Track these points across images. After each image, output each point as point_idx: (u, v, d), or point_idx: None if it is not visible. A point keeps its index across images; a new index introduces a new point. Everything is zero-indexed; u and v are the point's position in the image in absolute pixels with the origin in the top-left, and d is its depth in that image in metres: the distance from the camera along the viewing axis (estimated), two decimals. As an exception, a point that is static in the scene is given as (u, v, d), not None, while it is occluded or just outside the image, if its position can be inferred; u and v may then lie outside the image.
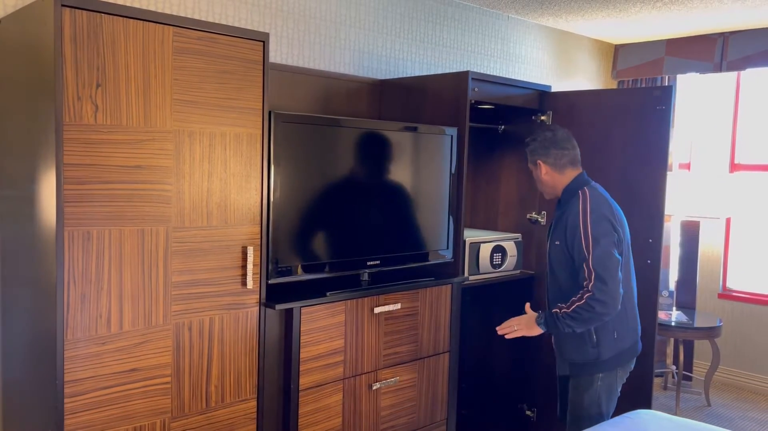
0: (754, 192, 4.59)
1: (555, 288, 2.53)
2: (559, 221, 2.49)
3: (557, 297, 2.49)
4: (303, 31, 3.06)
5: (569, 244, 2.39)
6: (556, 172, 2.52)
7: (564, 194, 2.51)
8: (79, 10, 1.83)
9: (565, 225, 2.41)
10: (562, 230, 2.43)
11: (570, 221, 2.39)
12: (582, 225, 2.35)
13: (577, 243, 2.35)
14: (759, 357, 4.51)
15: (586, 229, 2.35)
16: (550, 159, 2.52)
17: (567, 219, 2.42)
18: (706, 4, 3.72)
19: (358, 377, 2.61)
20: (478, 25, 3.89)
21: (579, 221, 2.37)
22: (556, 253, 2.49)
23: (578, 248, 2.35)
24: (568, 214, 2.42)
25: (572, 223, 2.38)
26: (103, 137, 1.90)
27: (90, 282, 1.91)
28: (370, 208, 2.72)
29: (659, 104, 3.02)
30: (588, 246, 2.33)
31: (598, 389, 2.45)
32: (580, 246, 2.34)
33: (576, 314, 2.33)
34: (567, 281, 2.46)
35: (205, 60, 2.10)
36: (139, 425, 2.05)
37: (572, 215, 2.40)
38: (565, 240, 2.42)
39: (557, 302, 2.46)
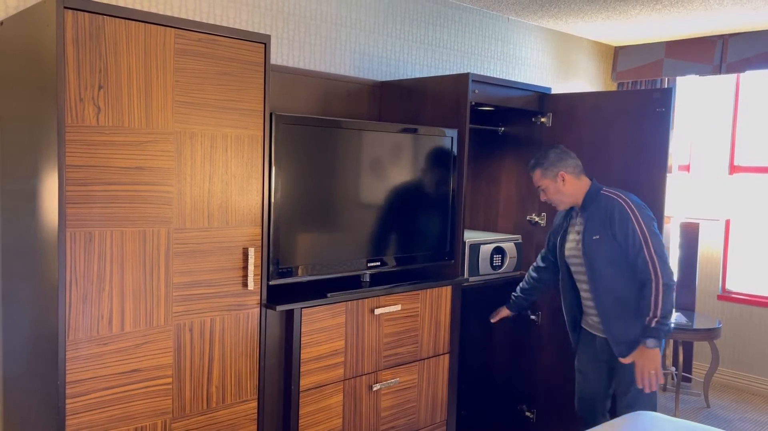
0: (754, 194, 4.60)
1: (601, 286, 2.63)
2: (592, 218, 2.64)
3: (609, 296, 2.62)
4: (303, 32, 3.07)
5: (620, 236, 2.55)
6: (576, 179, 2.70)
7: (587, 198, 2.69)
8: (81, 12, 1.84)
9: (609, 218, 2.57)
10: (603, 223, 2.59)
11: (616, 214, 2.56)
12: (633, 216, 2.54)
13: (632, 233, 2.53)
14: (758, 358, 4.52)
15: (637, 219, 2.54)
16: (570, 168, 2.70)
17: (610, 213, 2.58)
18: (706, 7, 3.73)
19: (358, 378, 2.62)
20: (478, 26, 3.90)
21: (627, 212, 2.55)
22: (599, 247, 2.61)
23: (633, 236, 2.53)
24: (610, 209, 2.58)
25: (621, 215, 2.55)
26: (104, 138, 1.91)
27: (91, 283, 1.92)
28: (371, 209, 2.73)
29: (659, 106, 3.03)
30: (645, 236, 2.52)
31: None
32: (635, 235, 2.52)
33: (667, 305, 2.49)
34: (617, 274, 2.58)
35: (207, 62, 2.11)
36: (141, 425, 2.06)
37: (617, 209, 2.57)
38: (612, 233, 2.57)
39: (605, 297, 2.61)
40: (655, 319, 2.50)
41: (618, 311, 2.61)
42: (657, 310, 2.49)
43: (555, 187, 2.71)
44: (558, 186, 2.70)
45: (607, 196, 2.64)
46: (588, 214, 2.67)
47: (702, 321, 4.21)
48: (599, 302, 2.65)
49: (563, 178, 2.69)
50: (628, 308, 2.60)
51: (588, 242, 2.64)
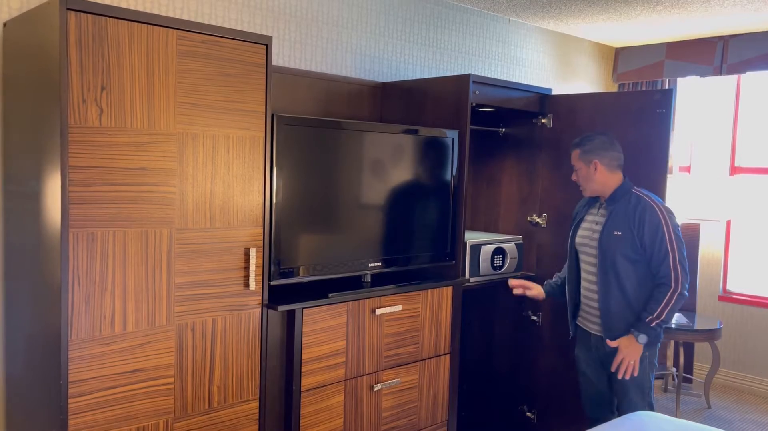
0: (755, 195, 4.60)
1: (610, 281, 2.65)
2: (616, 214, 2.66)
3: (616, 292, 2.64)
4: (305, 33, 3.08)
5: (648, 239, 2.57)
6: (608, 172, 2.71)
7: (617, 193, 2.70)
8: (84, 14, 1.85)
9: (638, 220, 2.59)
10: (630, 223, 2.61)
11: (647, 217, 2.58)
12: (664, 223, 2.57)
13: (660, 239, 2.55)
14: (759, 359, 4.52)
15: (668, 226, 2.57)
16: (605, 160, 2.71)
17: (640, 215, 2.59)
18: (707, 8, 3.73)
19: (359, 378, 2.62)
20: (479, 28, 3.91)
21: (660, 218, 2.58)
22: (619, 244, 2.62)
23: (660, 243, 2.55)
24: (641, 210, 2.60)
25: (653, 220, 2.57)
26: (107, 139, 1.92)
27: (94, 283, 1.93)
28: (372, 210, 2.74)
29: (659, 107, 3.03)
30: (672, 244, 2.55)
31: (645, 367, 2.66)
32: (663, 242, 2.55)
33: (671, 313, 2.55)
34: (631, 273, 2.62)
35: (209, 63, 2.12)
36: (143, 425, 2.07)
37: (648, 212, 2.59)
38: (636, 233, 2.59)
39: (612, 293, 2.64)
40: (656, 320, 2.56)
41: (621, 306, 2.65)
42: (662, 314, 2.55)
43: (586, 172, 2.74)
44: (589, 172, 2.73)
45: (639, 197, 2.65)
46: (614, 209, 2.68)
47: (703, 322, 4.21)
48: (605, 295, 2.68)
49: (596, 166, 2.71)
50: (631, 305, 2.63)
51: (607, 236, 2.66)
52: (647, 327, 2.57)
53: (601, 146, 2.72)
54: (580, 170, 2.77)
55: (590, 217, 2.82)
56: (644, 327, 2.57)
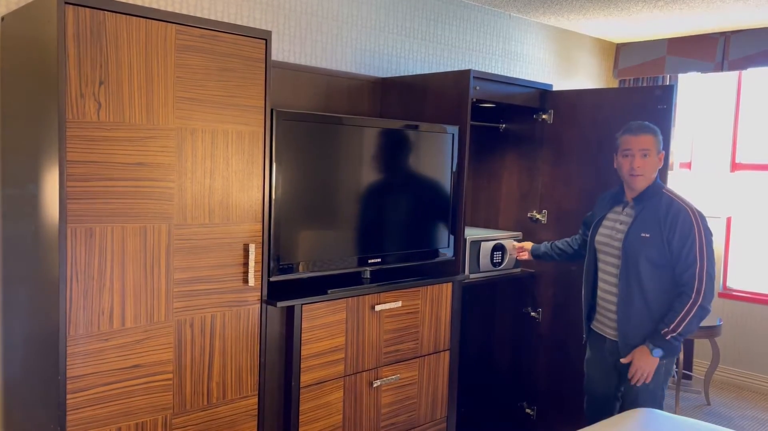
0: (755, 191, 4.59)
1: (631, 284, 2.51)
2: (645, 215, 2.50)
3: (638, 298, 2.50)
4: (304, 28, 3.07)
5: (676, 243, 2.42)
6: (659, 166, 2.57)
7: (648, 191, 2.54)
8: (82, 8, 1.84)
9: (670, 224, 2.43)
10: (657, 225, 2.46)
11: (679, 221, 2.43)
12: (697, 228, 2.42)
13: (689, 245, 2.40)
14: (759, 356, 4.52)
15: (700, 232, 2.42)
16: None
17: (673, 217, 2.44)
18: (708, 4, 3.72)
19: (358, 374, 2.62)
20: (479, 23, 3.90)
21: (693, 223, 2.42)
22: (644, 247, 2.48)
23: (689, 249, 2.40)
24: (675, 213, 2.45)
25: (685, 223, 2.42)
26: (105, 134, 1.91)
27: (92, 279, 1.92)
28: (372, 205, 2.73)
29: (660, 103, 3.02)
30: (702, 253, 2.40)
31: (661, 375, 2.52)
32: (692, 248, 2.40)
33: (691, 325, 2.41)
34: (654, 277, 2.47)
35: (208, 57, 2.11)
36: (141, 421, 2.06)
37: (681, 216, 2.44)
38: (666, 237, 2.44)
39: (633, 300, 2.50)
40: (673, 334, 2.41)
41: (642, 314, 2.50)
42: (679, 326, 2.40)
43: (655, 161, 2.54)
44: (657, 162, 2.55)
45: (671, 198, 2.49)
46: (642, 209, 2.52)
47: (703, 318, 4.21)
48: (625, 300, 2.53)
49: (661, 158, 2.56)
50: (652, 314, 2.49)
51: (633, 237, 2.51)
52: (662, 340, 2.42)
53: (662, 140, 2.58)
54: (651, 157, 2.53)
55: (613, 216, 2.65)
56: (659, 340, 2.43)
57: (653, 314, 2.48)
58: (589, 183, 3.26)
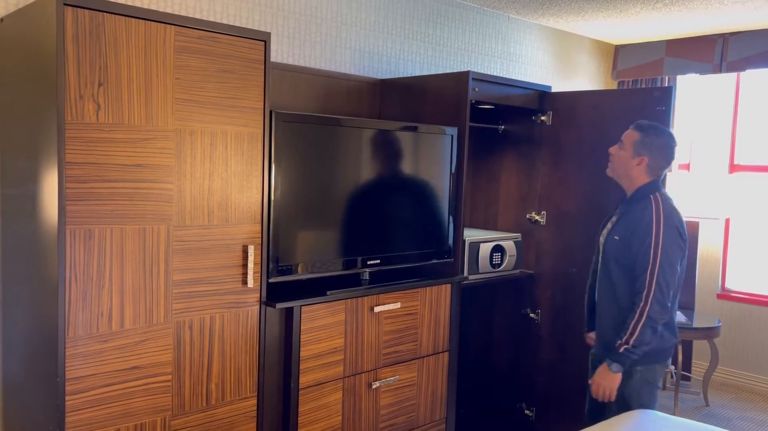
0: (754, 192, 4.60)
1: (606, 285, 2.52)
2: (624, 218, 2.48)
3: (611, 300, 2.50)
4: (303, 30, 3.07)
5: (635, 247, 2.38)
6: (644, 173, 2.48)
7: (636, 194, 2.49)
8: (81, 9, 1.84)
9: (634, 225, 2.40)
10: (627, 228, 2.43)
11: (642, 225, 2.38)
12: (654, 233, 2.35)
13: (644, 249, 2.35)
14: (757, 357, 4.52)
15: (657, 237, 2.34)
16: (654, 163, 2.47)
17: (637, 220, 2.40)
18: (706, 5, 3.72)
19: (357, 376, 2.62)
20: (478, 25, 3.90)
21: (652, 227, 2.36)
22: (614, 249, 2.48)
23: (644, 254, 2.35)
24: (640, 216, 2.41)
25: (643, 227, 2.37)
26: (104, 136, 1.91)
27: (91, 280, 1.92)
28: (370, 207, 2.73)
29: (659, 105, 3.02)
30: (656, 255, 2.33)
31: (636, 382, 2.47)
32: (647, 253, 2.34)
33: (644, 335, 2.34)
34: (621, 280, 2.46)
35: (207, 59, 2.11)
36: (140, 422, 2.06)
37: (644, 219, 2.38)
38: (628, 240, 2.41)
39: (608, 304, 2.50)
40: (626, 345, 2.36)
41: (614, 315, 2.49)
42: (631, 337, 2.35)
43: (626, 159, 2.49)
44: (630, 163, 2.48)
45: (650, 203, 2.42)
46: (624, 212, 2.51)
47: (701, 319, 4.21)
48: (601, 302, 2.58)
49: (641, 162, 2.47)
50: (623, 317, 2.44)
51: (610, 239, 2.52)
52: (617, 354, 2.38)
53: (660, 148, 2.47)
54: (624, 152, 2.50)
55: (612, 217, 2.63)
56: (615, 355, 2.38)
57: (624, 317, 2.43)
58: (587, 184, 3.26)
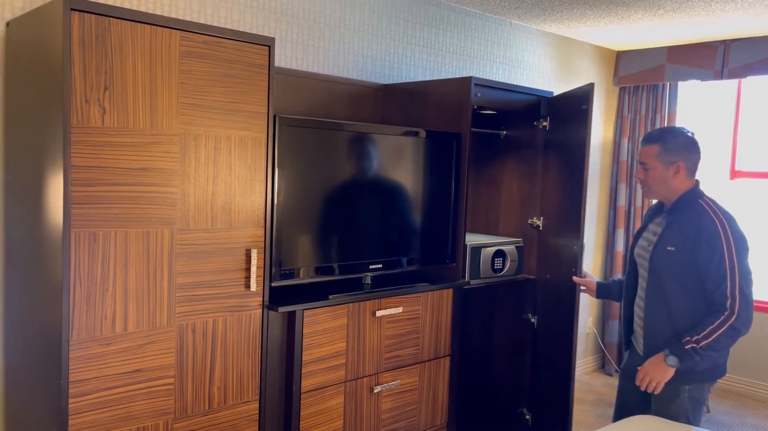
0: (755, 199, 4.61)
1: (657, 302, 2.38)
2: (675, 227, 2.35)
3: (661, 312, 2.37)
4: (307, 35, 3.08)
5: (702, 258, 2.25)
6: (686, 177, 2.37)
7: (680, 201, 2.37)
8: (87, 14, 1.85)
9: (695, 234, 2.27)
10: (687, 238, 2.29)
11: (705, 234, 2.25)
12: (725, 241, 2.23)
13: (717, 260, 2.22)
14: (759, 364, 4.52)
15: (729, 246, 2.23)
16: (690, 162, 2.36)
17: (697, 229, 2.28)
18: (708, 12, 3.74)
19: (359, 380, 2.62)
20: (480, 30, 3.92)
21: (720, 236, 2.24)
22: (668, 261, 2.33)
23: (718, 265, 2.22)
24: (699, 224, 2.28)
25: (707, 236, 2.24)
26: (109, 140, 1.92)
27: (95, 283, 1.93)
28: (373, 212, 2.74)
29: (583, 104, 2.99)
30: (733, 265, 2.22)
31: (684, 401, 2.37)
32: (722, 264, 2.22)
33: (718, 343, 2.22)
34: (678, 294, 2.33)
35: (211, 64, 2.12)
36: (143, 426, 2.07)
37: (707, 228, 2.26)
38: (691, 251, 2.28)
39: (658, 318, 2.37)
40: (694, 344, 2.23)
41: (666, 330, 2.36)
42: (705, 340, 2.21)
43: (663, 174, 2.36)
44: (667, 174, 2.35)
45: (703, 209, 2.31)
46: (672, 220, 2.36)
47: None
48: (651, 318, 2.41)
49: (678, 169, 2.34)
50: (677, 331, 2.33)
51: (660, 250, 2.36)
52: (681, 349, 2.24)
53: (686, 146, 2.35)
54: (654, 170, 2.37)
55: (652, 226, 2.50)
56: (678, 349, 2.25)
57: (679, 332, 2.32)
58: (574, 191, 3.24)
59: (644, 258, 2.47)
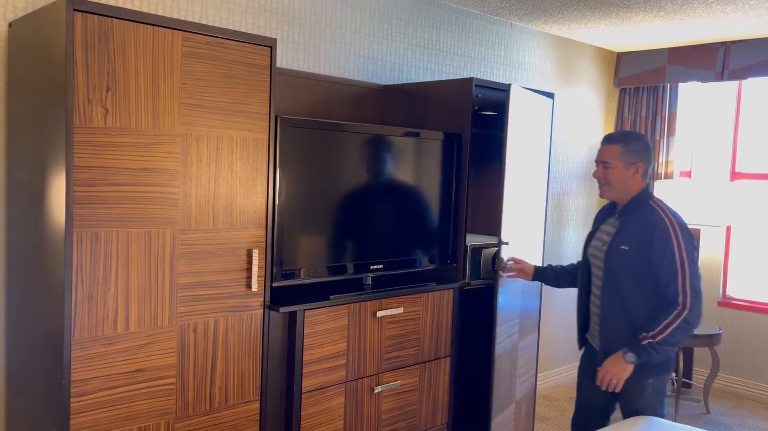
0: (755, 200, 4.61)
1: (613, 299, 2.43)
2: (629, 227, 2.42)
3: (617, 310, 2.42)
4: (309, 36, 3.09)
5: (656, 256, 2.32)
6: (641, 179, 2.46)
7: (633, 202, 2.46)
8: (90, 15, 1.86)
9: (650, 234, 2.34)
10: (641, 237, 2.36)
11: (657, 233, 2.33)
12: (675, 240, 2.31)
13: (669, 258, 2.30)
14: (758, 365, 4.52)
15: (679, 244, 2.31)
16: (646, 165, 2.47)
17: (651, 229, 2.35)
18: (708, 14, 3.74)
19: (360, 380, 2.63)
20: (481, 32, 3.92)
21: (670, 235, 2.32)
22: (624, 259, 2.39)
23: (669, 262, 2.30)
24: (652, 224, 2.35)
25: (659, 235, 2.32)
26: (112, 140, 1.92)
27: (97, 283, 1.93)
28: (374, 212, 2.75)
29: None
30: (683, 262, 2.29)
31: (649, 395, 2.43)
32: (673, 262, 2.30)
33: (673, 337, 2.28)
34: (634, 292, 2.38)
35: (213, 64, 2.13)
36: (144, 425, 2.07)
37: (659, 227, 2.34)
38: (645, 249, 2.34)
39: (614, 315, 2.41)
40: (651, 340, 2.30)
41: (624, 327, 2.41)
42: (660, 335, 2.29)
43: (622, 174, 2.44)
44: (627, 174, 2.44)
45: (654, 209, 2.39)
46: (626, 220, 2.44)
47: (702, 327, 4.21)
48: (607, 315, 2.46)
49: (637, 169, 2.44)
50: (634, 328, 2.38)
51: (614, 250, 2.42)
52: (638, 346, 2.32)
53: (646, 149, 2.47)
54: (615, 169, 2.45)
55: (605, 227, 2.57)
56: (635, 345, 2.32)
57: (635, 329, 2.37)
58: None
59: (599, 258, 2.53)
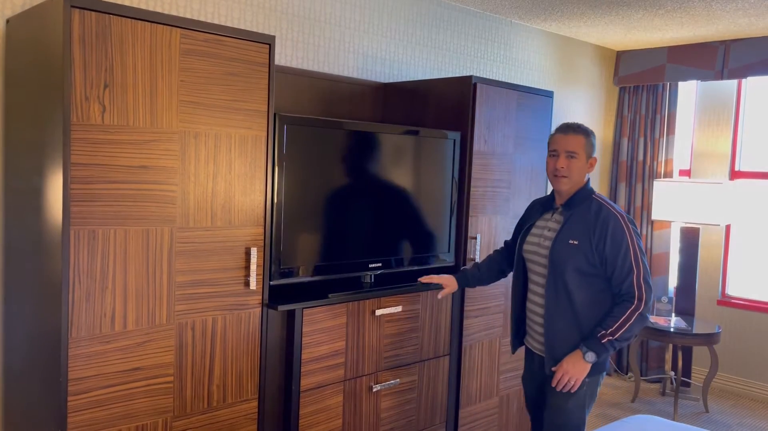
0: (755, 199, 4.61)
1: (559, 296, 2.34)
2: (574, 221, 2.34)
3: (563, 306, 2.33)
4: (308, 33, 3.08)
5: (611, 252, 2.27)
6: (589, 171, 2.42)
7: (576, 196, 2.38)
8: (88, 11, 1.85)
9: (603, 228, 2.29)
10: (590, 231, 2.30)
11: (609, 227, 2.28)
12: (628, 235, 2.28)
13: (624, 253, 2.26)
14: (757, 364, 4.52)
15: (632, 239, 2.29)
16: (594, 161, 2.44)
17: (602, 223, 2.30)
18: (708, 12, 3.74)
19: (358, 379, 2.62)
20: (481, 30, 3.91)
21: (624, 230, 2.29)
22: (572, 254, 2.31)
23: (624, 258, 2.26)
24: (603, 219, 2.30)
25: (612, 230, 2.28)
26: (109, 137, 1.92)
27: (95, 281, 1.92)
28: (373, 210, 2.74)
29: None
30: (637, 257, 2.27)
31: (582, 394, 2.34)
32: (627, 257, 2.27)
33: (630, 332, 2.25)
34: (582, 287, 2.32)
35: (212, 62, 2.12)
36: (142, 424, 2.07)
37: (611, 222, 2.29)
38: (596, 244, 2.29)
39: (560, 312, 2.33)
40: (611, 337, 2.24)
41: (570, 326, 2.32)
42: (618, 331, 2.24)
43: (583, 166, 2.38)
44: (584, 167, 2.38)
45: (600, 204, 2.34)
46: (571, 215, 2.36)
47: (701, 326, 4.22)
48: (552, 313, 2.35)
49: (592, 163, 2.40)
50: (581, 326, 2.32)
51: (560, 245, 2.33)
52: (598, 344, 2.24)
53: (595, 144, 2.44)
54: (579, 160, 2.36)
55: (542, 223, 2.47)
56: (595, 344, 2.24)
57: (582, 327, 2.32)
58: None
59: (540, 255, 2.42)
